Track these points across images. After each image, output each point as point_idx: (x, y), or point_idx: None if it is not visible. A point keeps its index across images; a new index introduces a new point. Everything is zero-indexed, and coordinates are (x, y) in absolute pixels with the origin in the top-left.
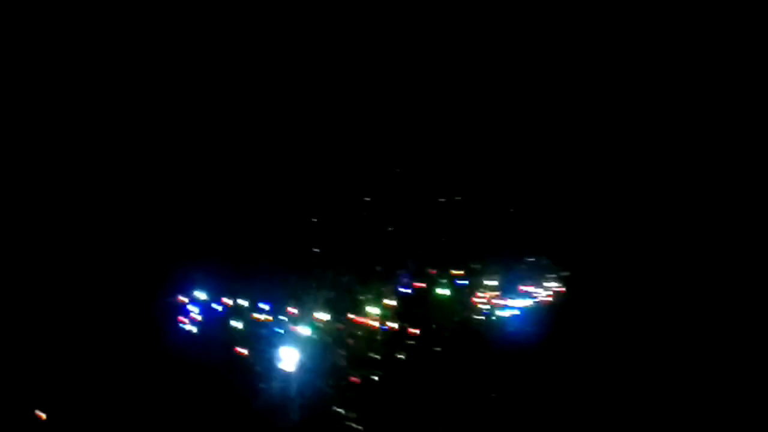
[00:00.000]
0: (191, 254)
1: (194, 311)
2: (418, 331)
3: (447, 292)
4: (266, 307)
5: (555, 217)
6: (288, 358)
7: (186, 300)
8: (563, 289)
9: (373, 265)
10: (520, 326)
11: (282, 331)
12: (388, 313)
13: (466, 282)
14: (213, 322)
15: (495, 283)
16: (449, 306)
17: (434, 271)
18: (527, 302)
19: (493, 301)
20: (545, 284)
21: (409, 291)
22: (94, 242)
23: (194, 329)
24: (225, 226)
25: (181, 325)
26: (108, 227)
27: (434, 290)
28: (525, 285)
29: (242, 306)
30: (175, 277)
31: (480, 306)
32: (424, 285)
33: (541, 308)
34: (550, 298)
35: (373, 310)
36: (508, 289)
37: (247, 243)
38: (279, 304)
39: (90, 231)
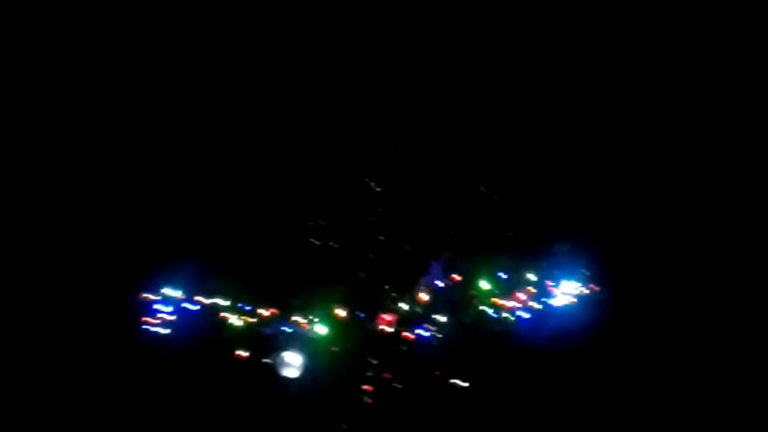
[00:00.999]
0: (161, 242)
1: (165, 311)
2: (450, 331)
3: (488, 286)
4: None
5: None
6: (291, 364)
7: (154, 298)
8: (595, 287)
9: (399, 253)
10: (559, 326)
11: (287, 331)
12: (418, 310)
13: (507, 276)
14: (188, 323)
15: (534, 278)
16: (489, 302)
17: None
18: (565, 300)
19: (531, 300)
20: (580, 281)
21: (444, 284)
22: (46, 232)
23: (164, 332)
24: (205, 208)
25: (147, 327)
26: (63, 214)
27: (474, 284)
28: (561, 281)
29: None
30: (141, 270)
31: (522, 303)
32: (460, 278)
33: (579, 306)
34: (585, 296)
35: (399, 306)
36: (545, 285)
37: (234, 227)
38: (278, 301)
39: (42, 220)
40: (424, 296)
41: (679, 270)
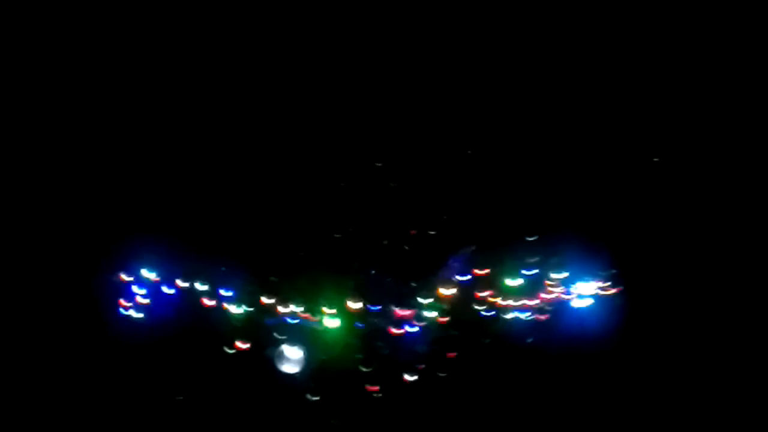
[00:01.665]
0: (140, 216)
1: (141, 294)
2: (473, 332)
3: (516, 282)
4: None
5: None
6: (292, 358)
7: (130, 279)
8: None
9: (419, 242)
10: (577, 327)
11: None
12: (439, 306)
13: (536, 271)
14: (169, 307)
15: (564, 275)
16: (517, 299)
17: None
18: (584, 301)
19: (561, 296)
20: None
21: (467, 278)
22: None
23: (140, 316)
24: (194, 178)
25: (122, 311)
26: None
27: (500, 279)
28: (580, 280)
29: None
30: (116, 247)
31: (552, 302)
32: (486, 271)
33: (597, 307)
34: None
35: (418, 301)
36: (573, 281)
37: (229, 200)
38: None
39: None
40: (444, 290)
41: (698, 268)
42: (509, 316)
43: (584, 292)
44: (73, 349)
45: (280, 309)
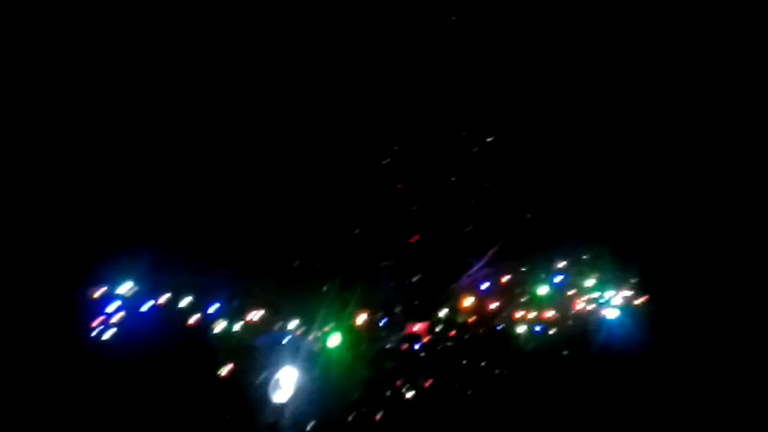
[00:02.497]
0: (114, 229)
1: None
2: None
3: (544, 290)
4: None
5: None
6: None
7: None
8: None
9: (435, 246)
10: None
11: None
12: (459, 320)
13: (565, 279)
14: (145, 325)
15: (592, 282)
16: (545, 310)
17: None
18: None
19: (590, 307)
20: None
21: (487, 285)
22: None
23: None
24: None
25: (95, 330)
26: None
27: (529, 287)
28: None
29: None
30: (89, 262)
31: (582, 314)
32: (509, 278)
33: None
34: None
35: (437, 312)
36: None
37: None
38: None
39: None
40: (464, 301)
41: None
42: (533, 328)
43: (612, 302)
44: (37, 376)
45: (273, 326)
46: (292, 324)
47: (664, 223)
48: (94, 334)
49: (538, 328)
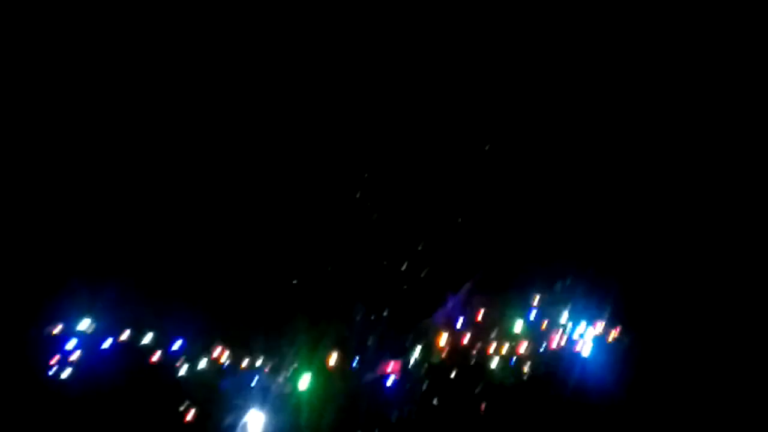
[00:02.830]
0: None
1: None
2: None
3: (518, 326)
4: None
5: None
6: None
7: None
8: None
9: (409, 282)
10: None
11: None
12: (434, 357)
13: (539, 314)
14: (105, 364)
15: (565, 318)
16: (520, 344)
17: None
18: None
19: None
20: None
21: (461, 322)
22: None
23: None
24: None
25: (54, 368)
26: None
27: (504, 322)
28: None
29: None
30: (49, 298)
31: (556, 351)
32: (483, 313)
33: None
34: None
35: (410, 349)
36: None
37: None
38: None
39: None
40: (440, 337)
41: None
42: (508, 363)
43: (587, 337)
44: None
45: (240, 366)
46: (261, 364)
47: (638, 256)
48: (51, 372)
49: (511, 364)
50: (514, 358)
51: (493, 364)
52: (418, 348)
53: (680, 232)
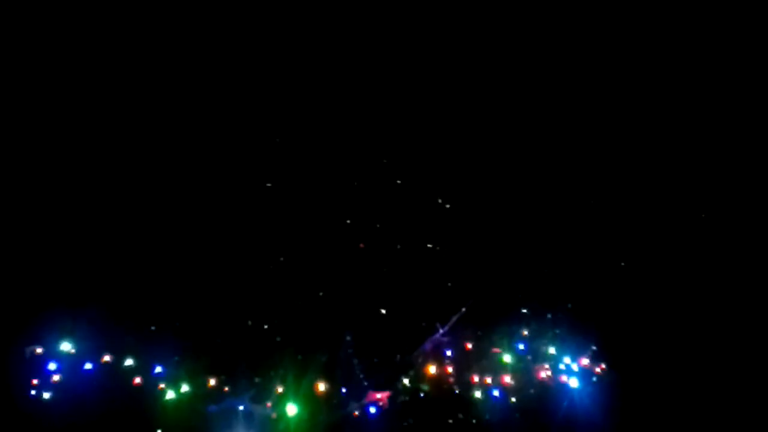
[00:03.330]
0: (56, 277)
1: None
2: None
3: (508, 358)
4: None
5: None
6: None
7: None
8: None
9: (397, 314)
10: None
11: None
12: (422, 387)
13: (526, 347)
14: (87, 387)
15: (553, 350)
16: (508, 376)
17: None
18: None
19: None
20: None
21: (451, 353)
22: None
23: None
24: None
25: (34, 391)
26: None
27: (493, 354)
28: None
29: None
30: (29, 318)
31: (545, 382)
32: (471, 345)
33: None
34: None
35: (400, 379)
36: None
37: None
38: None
39: None
40: (431, 368)
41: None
42: (497, 395)
43: (573, 370)
44: None
45: (226, 390)
46: (247, 390)
47: (622, 290)
48: (31, 393)
49: (497, 393)
50: (501, 388)
51: (480, 394)
52: (406, 378)
53: (662, 271)
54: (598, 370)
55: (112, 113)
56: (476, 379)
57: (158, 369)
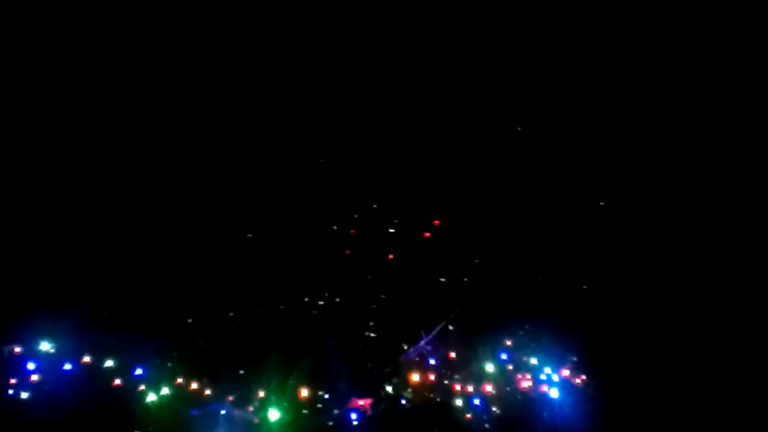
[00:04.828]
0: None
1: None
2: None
3: (489, 367)
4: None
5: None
6: None
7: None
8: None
9: (381, 320)
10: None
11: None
12: (405, 394)
13: (509, 356)
14: (67, 388)
15: (535, 360)
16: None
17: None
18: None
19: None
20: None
21: (434, 361)
22: None
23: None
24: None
25: (12, 391)
26: None
27: (475, 363)
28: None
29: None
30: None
31: (527, 392)
32: (455, 354)
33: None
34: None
35: (381, 386)
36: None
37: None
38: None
39: None
40: (414, 376)
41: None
42: (479, 404)
43: (554, 381)
44: None
45: (208, 394)
46: (228, 393)
47: (605, 301)
48: (9, 393)
49: (477, 402)
50: (483, 397)
51: (463, 402)
52: (390, 385)
53: (646, 282)
54: (578, 381)
55: (91, 108)
56: (458, 387)
57: (139, 371)
